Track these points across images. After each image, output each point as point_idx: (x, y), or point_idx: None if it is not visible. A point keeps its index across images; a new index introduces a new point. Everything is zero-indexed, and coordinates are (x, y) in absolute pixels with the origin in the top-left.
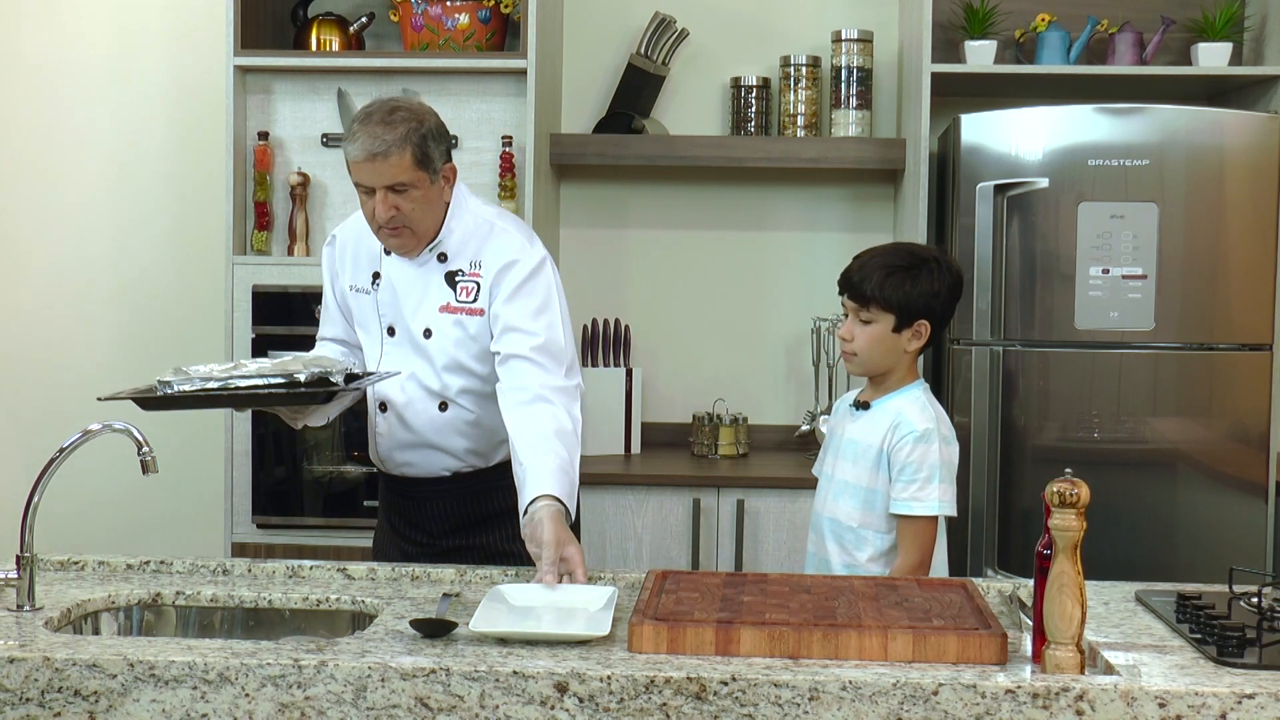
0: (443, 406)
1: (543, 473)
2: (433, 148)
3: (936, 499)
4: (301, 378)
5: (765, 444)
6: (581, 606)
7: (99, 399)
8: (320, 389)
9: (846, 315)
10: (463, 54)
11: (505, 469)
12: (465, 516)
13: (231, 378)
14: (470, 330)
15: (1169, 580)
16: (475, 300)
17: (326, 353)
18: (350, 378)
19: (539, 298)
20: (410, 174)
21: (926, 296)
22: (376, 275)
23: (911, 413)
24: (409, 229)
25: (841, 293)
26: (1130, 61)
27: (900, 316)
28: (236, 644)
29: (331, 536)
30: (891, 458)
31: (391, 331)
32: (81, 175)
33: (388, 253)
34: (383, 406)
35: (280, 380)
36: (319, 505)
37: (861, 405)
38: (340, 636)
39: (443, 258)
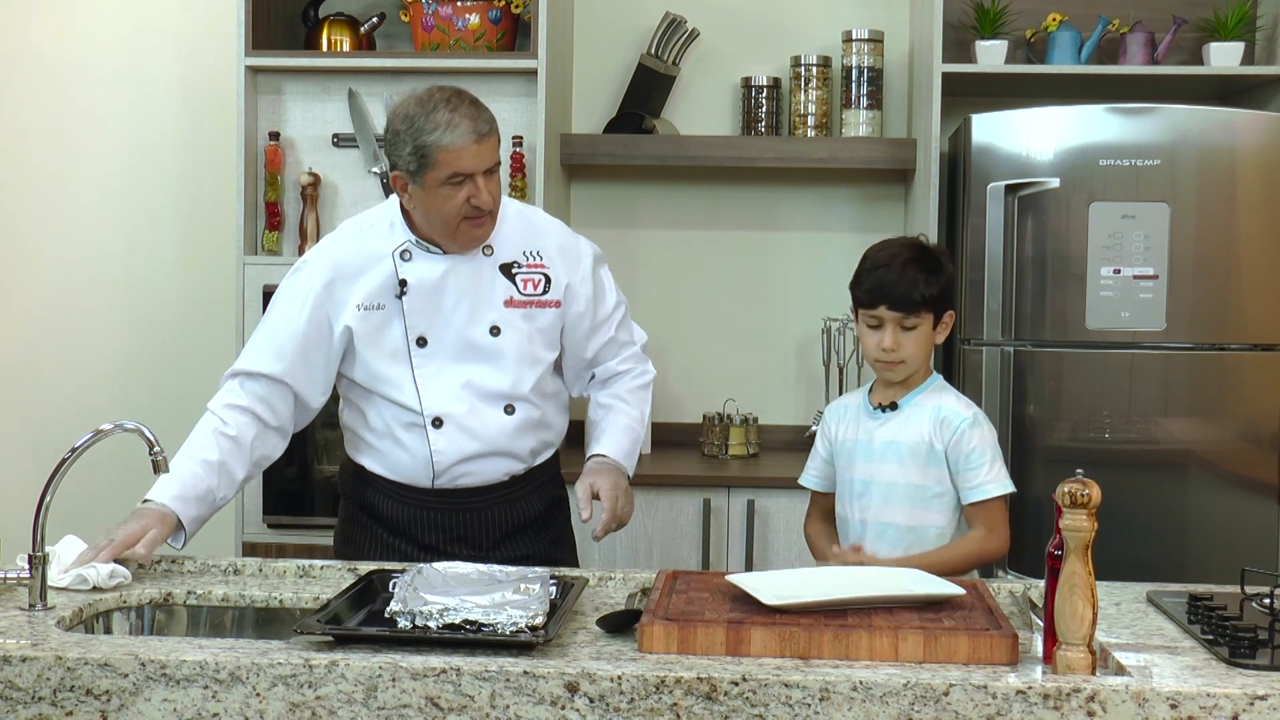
0: (509, 409)
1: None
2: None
3: (1004, 476)
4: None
5: (776, 444)
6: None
7: None
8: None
9: (878, 325)
10: (473, 54)
11: (544, 466)
12: (516, 521)
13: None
14: (540, 323)
15: (1180, 581)
16: (545, 293)
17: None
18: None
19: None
20: (498, 155)
21: (950, 285)
22: (403, 283)
23: (952, 404)
24: (492, 215)
25: (874, 305)
26: (1142, 61)
27: (937, 313)
28: (247, 643)
29: None
30: (950, 453)
31: (422, 342)
32: (92, 176)
33: (405, 258)
34: (437, 422)
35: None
36: (330, 505)
37: (888, 407)
38: None
39: (488, 250)
